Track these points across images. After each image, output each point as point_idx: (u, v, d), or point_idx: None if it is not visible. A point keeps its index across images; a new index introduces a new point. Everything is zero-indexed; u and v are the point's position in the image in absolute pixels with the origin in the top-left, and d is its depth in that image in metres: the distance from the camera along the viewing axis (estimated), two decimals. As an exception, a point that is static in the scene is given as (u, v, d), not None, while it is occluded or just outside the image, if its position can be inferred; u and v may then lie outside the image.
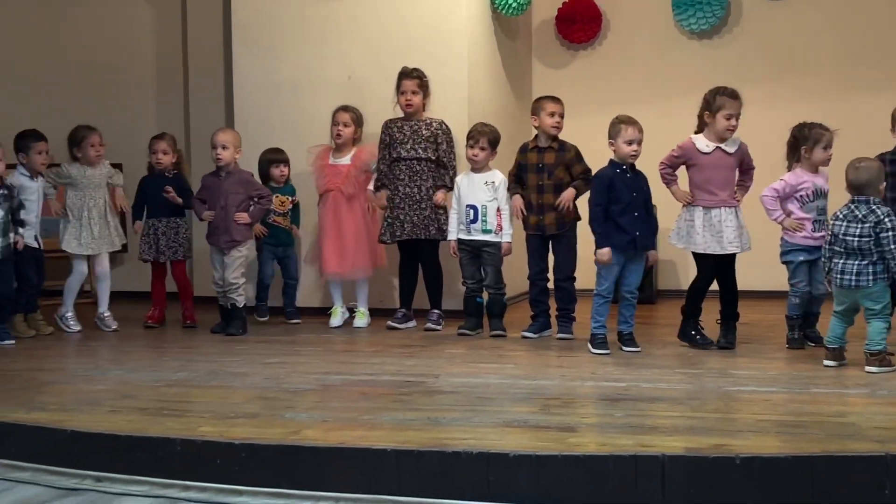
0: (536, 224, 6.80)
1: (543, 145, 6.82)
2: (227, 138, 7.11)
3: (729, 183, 6.16)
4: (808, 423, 4.22)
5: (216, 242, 7.10)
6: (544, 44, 9.59)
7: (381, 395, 5.00)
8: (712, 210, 6.14)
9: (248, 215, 7.11)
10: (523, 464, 3.78)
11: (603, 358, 5.97)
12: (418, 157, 7.24)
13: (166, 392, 5.13)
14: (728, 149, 6.16)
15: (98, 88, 9.58)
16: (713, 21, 8.99)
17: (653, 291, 8.70)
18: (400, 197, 7.24)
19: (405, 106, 7.28)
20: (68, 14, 9.78)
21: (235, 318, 7.10)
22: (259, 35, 8.13)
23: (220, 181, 7.12)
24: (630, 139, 6.14)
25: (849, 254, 5.38)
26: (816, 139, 6.02)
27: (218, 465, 4.04)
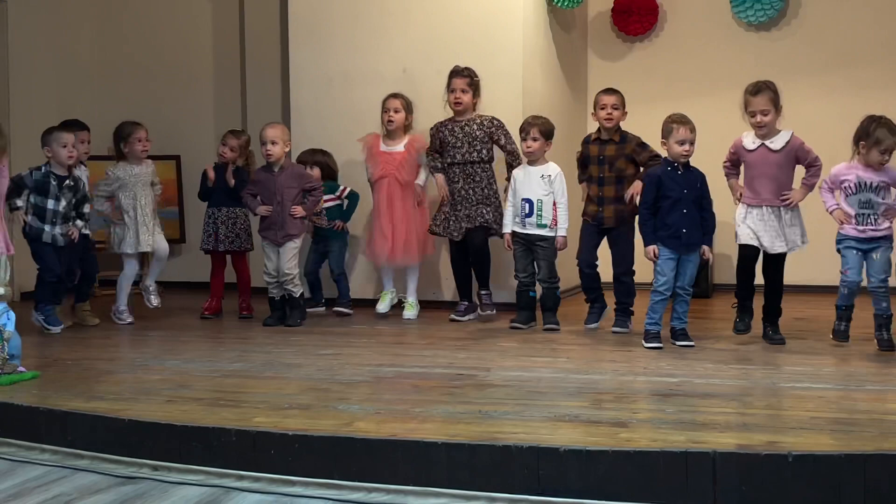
0: (595, 215, 6.80)
1: (605, 137, 6.81)
2: (277, 133, 7.17)
3: (775, 181, 6.07)
4: (862, 421, 4.17)
5: (273, 237, 7.17)
6: (600, 36, 9.55)
7: (433, 387, 5.03)
8: (754, 209, 6.10)
9: (303, 208, 7.17)
10: (574, 458, 3.78)
11: (656, 353, 5.95)
12: (472, 160, 7.25)
13: (222, 382, 5.20)
14: (772, 145, 6.09)
15: (156, 82, 9.71)
16: (771, 13, 8.90)
17: (709, 286, 8.65)
18: (456, 199, 7.26)
19: (454, 104, 7.29)
20: (129, 6, 9.93)
21: (294, 307, 7.17)
22: (315, 28, 8.18)
23: (274, 176, 7.18)
24: (682, 139, 6.12)
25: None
26: (877, 141, 5.88)
27: (272, 455, 4.09)
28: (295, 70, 8.29)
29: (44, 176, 6.80)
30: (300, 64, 8.26)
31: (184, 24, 9.75)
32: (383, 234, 7.35)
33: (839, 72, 8.79)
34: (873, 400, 4.67)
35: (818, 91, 8.45)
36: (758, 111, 6.05)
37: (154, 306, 7.51)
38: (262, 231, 7.25)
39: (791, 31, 9.03)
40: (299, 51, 8.26)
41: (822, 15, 8.92)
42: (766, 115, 6.04)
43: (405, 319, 7.38)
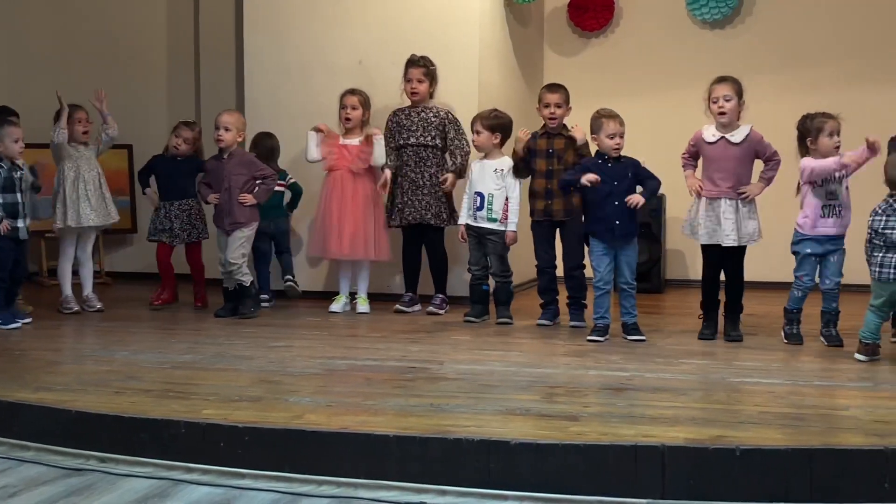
0: (544, 209, 6.81)
1: (553, 131, 6.82)
2: (230, 120, 7.11)
3: (734, 174, 6.10)
4: (809, 416, 4.22)
5: (221, 225, 7.12)
6: (556, 31, 9.57)
7: (385, 380, 5.02)
8: (714, 201, 6.13)
9: (253, 196, 7.12)
10: (525, 452, 3.79)
11: (608, 347, 5.98)
12: (425, 143, 7.27)
13: (172, 374, 5.16)
14: (732, 138, 6.13)
15: (110, 70, 9.58)
16: (725, 11, 8.96)
17: (661, 281, 8.70)
18: (407, 183, 7.26)
19: (410, 93, 7.30)
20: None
21: (246, 297, 7.12)
22: (270, 18, 8.12)
23: (223, 164, 7.13)
24: (612, 132, 6.19)
25: (888, 247, 5.37)
26: (819, 128, 5.96)
27: (221, 447, 4.06)
28: (250, 59, 8.22)
29: (7, 171, 6.68)
30: (255, 53, 8.19)
31: (137, 12, 9.63)
32: (334, 228, 7.30)
33: (793, 70, 8.87)
34: (821, 395, 4.73)
35: (772, 89, 8.51)
36: (720, 96, 6.08)
37: (98, 308, 7.42)
38: (214, 219, 7.20)
39: (745, 28, 9.10)
40: (254, 40, 8.19)
41: (775, 13, 9.00)
42: (728, 100, 6.06)
43: (358, 313, 7.35)
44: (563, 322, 6.81)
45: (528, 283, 8.15)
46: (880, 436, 3.86)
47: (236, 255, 7.07)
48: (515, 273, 7.15)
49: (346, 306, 7.43)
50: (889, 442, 3.74)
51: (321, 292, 7.89)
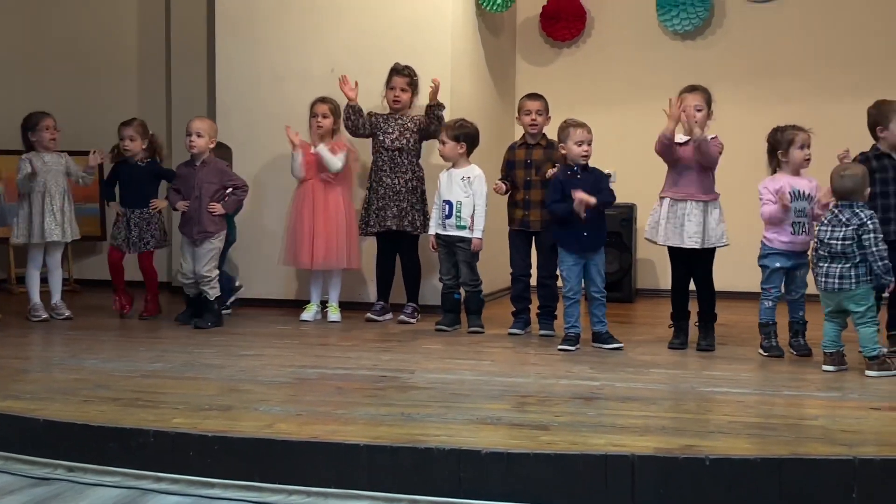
0: (522, 219, 6.83)
1: (531, 142, 6.85)
2: (203, 126, 7.08)
3: (700, 177, 6.12)
4: (778, 426, 4.25)
5: (188, 233, 7.07)
6: (528, 41, 9.60)
7: (356, 389, 5.01)
8: (677, 203, 6.15)
9: (222, 205, 7.09)
10: (495, 461, 3.79)
11: (578, 356, 5.99)
12: (401, 147, 7.27)
13: (141, 383, 5.13)
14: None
15: (80, 75, 9.54)
16: (696, 22, 9.02)
17: (631, 290, 8.73)
18: (383, 188, 7.26)
19: (393, 102, 7.32)
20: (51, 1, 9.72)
21: (207, 310, 7.06)
22: (243, 25, 8.10)
23: (195, 171, 7.09)
24: (580, 140, 6.22)
25: (833, 257, 5.43)
26: (790, 140, 6.02)
27: (190, 456, 4.04)
28: (222, 66, 8.20)
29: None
30: (227, 60, 8.17)
31: (109, 18, 9.59)
32: (306, 237, 7.28)
33: (762, 81, 8.93)
34: (789, 405, 4.76)
35: (741, 100, 8.57)
36: (691, 105, 6.12)
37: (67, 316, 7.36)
38: (181, 227, 7.16)
39: (715, 40, 9.16)
40: (226, 46, 8.17)
41: (745, 25, 9.06)
42: (699, 110, 6.11)
43: (330, 322, 7.34)
44: (534, 331, 6.82)
45: (500, 291, 8.17)
46: (848, 445, 3.89)
47: (209, 268, 7.04)
48: (487, 282, 7.16)
49: (317, 315, 7.40)
50: (857, 451, 3.77)
51: (292, 301, 7.87)
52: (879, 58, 8.68)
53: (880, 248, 5.36)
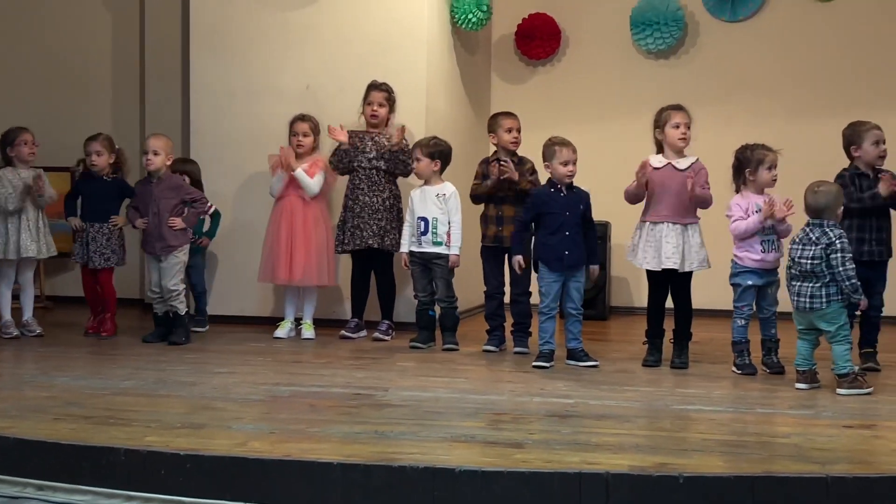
0: (495, 235, 6.84)
1: (504, 158, 6.87)
2: (159, 144, 7.04)
3: (678, 200, 6.16)
4: (751, 444, 4.26)
5: (151, 250, 7.04)
6: (504, 59, 9.63)
7: (330, 407, 4.99)
8: (656, 225, 6.18)
9: (182, 220, 7.05)
10: (469, 479, 3.78)
11: (553, 374, 5.99)
12: (378, 167, 7.26)
13: (113, 400, 5.09)
14: (679, 165, 6.21)
15: (53, 90, 9.49)
16: (670, 41, 9.07)
17: (605, 308, 8.74)
18: (360, 206, 7.25)
19: (370, 117, 7.32)
20: (25, 14, 9.68)
21: (178, 325, 7.03)
22: (217, 42, 8.09)
23: (152, 187, 7.07)
24: (565, 160, 6.26)
25: (804, 276, 5.46)
26: (760, 160, 6.06)
27: (162, 475, 4.00)
28: (196, 82, 8.17)
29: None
30: (201, 77, 8.14)
31: (83, 34, 9.55)
32: (283, 254, 7.26)
33: (736, 101, 8.99)
34: (762, 423, 4.77)
35: (715, 119, 8.61)
36: (683, 122, 6.16)
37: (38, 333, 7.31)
38: (143, 245, 7.14)
39: (689, 59, 9.21)
40: (201, 62, 8.15)
41: (718, 45, 9.12)
42: (688, 127, 6.16)
43: (304, 339, 7.31)
44: (509, 348, 6.82)
45: (475, 309, 8.16)
46: (820, 463, 3.91)
47: (175, 282, 7.00)
48: (463, 299, 7.16)
49: (291, 332, 7.38)
50: (829, 469, 3.79)
51: (266, 318, 7.83)
52: (851, 78, 8.76)
53: (847, 267, 5.38)
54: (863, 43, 8.78)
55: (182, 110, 8.76)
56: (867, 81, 8.70)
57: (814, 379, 5.55)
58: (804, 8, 8.89)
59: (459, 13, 8.22)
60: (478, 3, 8.23)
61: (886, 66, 8.71)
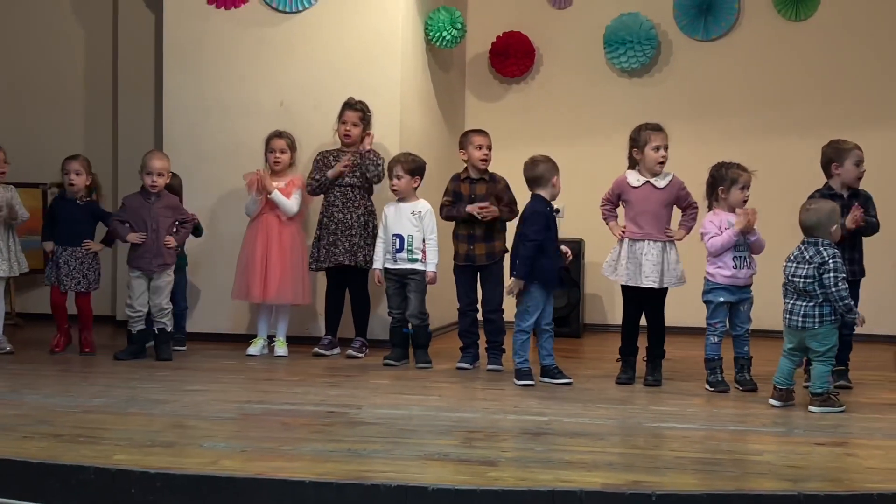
0: (466, 254, 6.84)
1: (475, 177, 6.88)
2: (165, 165, 7.09)
3: (658, 218, 6.20)
4: (724, 461, 4.27)
5: (147, 266, 7.00)
6: (478, 77, 9.65)
7: (303, 425, 4.97)
8: (637, 242, 6.20)
9: (175, 239, 7.05)
10: (442, 498, 3.77)
11: (526, 391, 5.99)
12: (352, 184, 7.25)
13: (83, 418, 5.04)
14: (657, 183, 6.24)
15: (25, 108, 9.42)
16: (644, 60, 9.11)
17: (579, 325, 8.74)
18: (334, 223, 7.23)
19: (343, 136, 7.30)
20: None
21: (165, 342, 7.04)
22: (191, 57, 8.06)
23: (150, 205, 7.05)
24: (557, 181, 6.36)
25: (798, 295, 5.46)
26: (734, 179, 6.10)
27: (133, 494, 3.97)
28: (169, 98, 8.13)
29: None
30: (175, 92, 8.11)
31: (55, 49, 9.49)
32: (258, 272, 7.23)
33: (708, 119, 9.03)
34: (735, 440, 4.78)
35: (687, 138, 8.64)
36: (662, 145, 6.19)
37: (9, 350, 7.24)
38: (134, 261, 7.07)
39: (662, 78, 9.26)
40: (174, 78, 8.11)
41: (691, 64, 9.17)
42: (667, 149, 6.19)
43: (276, 356, 7.27)
44: (482, 366, 6.81)
45: (448, 326, 8.15)
46: (793, 481, 3.92)
47: (167, 300, 7.07)
48: (436, 316, 7.15)
49: (263, 349, 7.34)
50: (801, 487, 3.80)
51: (239, 335, 7.79)
52: (822, 98, 8.82)
53: (840, 287, 5.37)
54: (834, 63, 8.85)
55: (155, 126, 8.72)
56: (839, 101, 8.76)
57: (790, 398, 5.56)
58: (776, 28, 8.96)
59: (434, 31, 8.24)
60: (452, 21, 8.25)
61: (858, 86, 8.78)
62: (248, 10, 7.95)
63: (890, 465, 4.32)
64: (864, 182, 6.33)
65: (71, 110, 9.45)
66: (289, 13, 7.90)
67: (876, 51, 8.76)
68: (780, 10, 8.94)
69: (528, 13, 9.42)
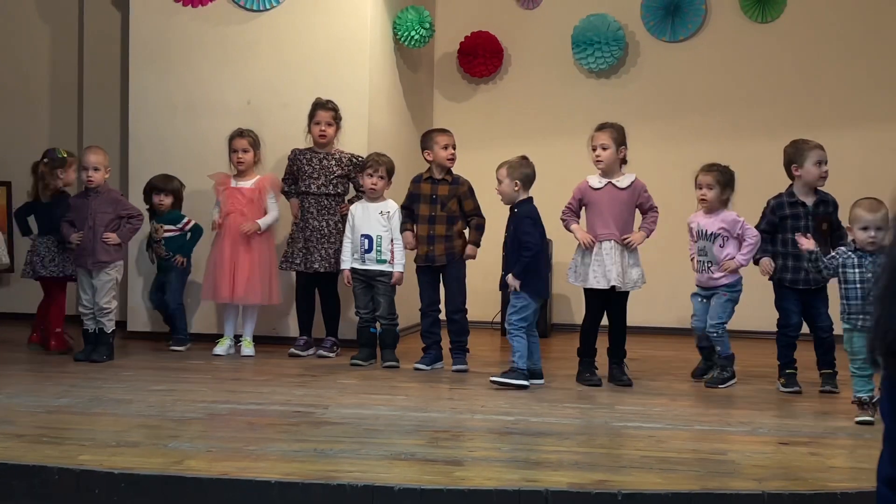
0: (426, 255, 6.84)
1: (438, 177, 6.87)
2: (100, 159, 6.92)
3: (620, 218, 6.22)
4: (689, 461, 4.29)
5: (83, 264, 6.90)
6: (446, 77, 9.65)
7: (269, 425, 4.94)
8: (602, 243, 6.20)
9: (117, 235, 6.94)
10: (408, 497, 3.77)
11: (493, 391, 5.98)
12: (327, 192, 7.23)
13: (46, 419, 5.00)
14: (619, 184, 6.25)
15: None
16: (611, 60, 9.15)
17: (546, 325, 8.76)
18: (309, 230, 7.20)
19: (318, 136, 7.27)
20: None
21: (102, 343, 6.90)
22: (157, 55, 8.01)
23: (88, 200, 6.94)
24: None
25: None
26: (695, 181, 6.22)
27: (96, 494, 3.95)
28: (135, 97, 8.08)
29: None
30: (141, 91, 8.05)
31: (20, 47, 9.40)
32: (227, 272, 7.19)
33: (675, 120, 9.09)
34: (699, 440, 4.81)
35: (655, 138, 8.70)
36: (598, 145, 6.20)
37: None
38: (75, 259, 7.00)
39: (630, 79, 9.30)
40: (140, 77, 8.06)
41: (659, 65, 9.22)
42: (605, 148, 6.19)
43: (244, 356, 7.24)
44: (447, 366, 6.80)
45: (414, 326, 8.14)
46: (757, 480, 3.94)
47: (107, 299, 6.89)
48: (402, 316, 7.15)
49: (230, 349, 7.30)
50: (765, 486, 3.83)
51: (207, 335, 7.74)
52: (792, 96, 8.89)
53: None
54: (801, 63, 8.93)
55: (121, 125, 8.66)
56: (806, 102, 8.84)
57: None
58: (743, 29, 9.03)
59: (402, 30, 8.23)
60: (420, 20, 8.25)
61: (824, 86, 8.86)
62: (216, 8, 7.91)
63: (853, 465, 4.37)
64: (833, 184, 6.28)
65: (36, 108, 9.37)
66: (256, 11, 7.87)
67: (841, 52, 8.84)
68: (746, 12, 9.01)
69: (496, 13, 9.44)
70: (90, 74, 9.10)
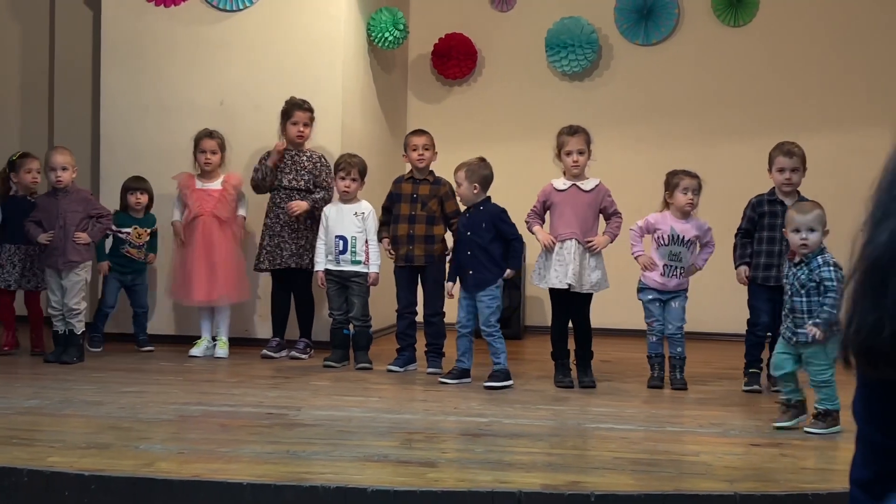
0: (406, 254, 6.82)
1: (419, 177, 6.86)
2: (68, 160, 6.86)
3: (584, 220, 6.20)
4: (661, 462, 4.30)
5: (53, 264, 6.84)
6: (420, 78, 9.66)
7: (241, 426, 4.92)
8: (564, 243, 6.19)
9: (88, 234, 6.89)
10: (381, 499, 3.75)
11: (466, 393, 5.99)
12: (298, 188, 7.21)
13: (15, 420, 4.95)
14: (584, 186, 6.25)
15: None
16: (584, 63, 9.17)
17: (520, 327, 8.77)
18: (280, 225, 7.18)
19: (296, 137, 7.25)
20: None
21: (72, 344, 6.85)
22: (129, 56, 7.96)
23: (57, 200, 6.87)
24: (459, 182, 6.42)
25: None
26: (676, 184, 6.19)
27: (66, 496, 3.90)
28: (107, 97, 8.03)
29: None
30: (112, 91, 8.00)
31: (-10, 45, 9.34)
32: (201, 274, 7.16)
33: (648, 123, 9.12)
34: (672, 441, 4.82)
35: (627, 141, 8.73)
36: (575, 150, 6.19)
37: None
38: (44, 259, 6.92)
39: (603, 82, 9.33)
40: (111, 77, 8.01)
41: (632, 67, 9.26)
42: (581, 154, 6.19)
43: (216, 357, 7.20)
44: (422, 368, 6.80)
45: (388, 328, 8.13)
46: (730, 481, 3.95)
47: (77, 300, 6.83)
48: (377, 318, 7.13)
49: (208, 350, 7.26)
50: (737, 487, 3.84)
51: (177, 336, 7.71)
52: (766, 99, 8.95)
53: None
54: (774, 67, 8.98)
55: (92, 125, 8.61)
56: (778, 104, 8.89)
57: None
58: (716, 32, 9.07)
59: (376, 31, 8.22)
60: (394, 21, 8.24)
61: (796, 90, 8.91)
62: (188, 8, 7.87)
63: (825, 466, 4.40)
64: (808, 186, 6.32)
65: (6, 108, 9.31)
66: (229, 11, 7.84)
67: (813, 55, 8.90)
68: (719, 16, 9.06)
69: (470, 15, 9.45)
70: (61, 74, 9.04)
